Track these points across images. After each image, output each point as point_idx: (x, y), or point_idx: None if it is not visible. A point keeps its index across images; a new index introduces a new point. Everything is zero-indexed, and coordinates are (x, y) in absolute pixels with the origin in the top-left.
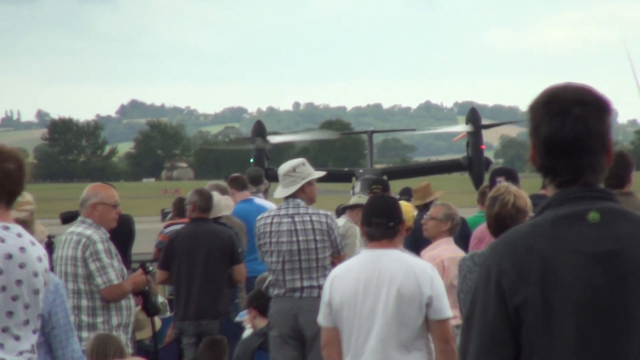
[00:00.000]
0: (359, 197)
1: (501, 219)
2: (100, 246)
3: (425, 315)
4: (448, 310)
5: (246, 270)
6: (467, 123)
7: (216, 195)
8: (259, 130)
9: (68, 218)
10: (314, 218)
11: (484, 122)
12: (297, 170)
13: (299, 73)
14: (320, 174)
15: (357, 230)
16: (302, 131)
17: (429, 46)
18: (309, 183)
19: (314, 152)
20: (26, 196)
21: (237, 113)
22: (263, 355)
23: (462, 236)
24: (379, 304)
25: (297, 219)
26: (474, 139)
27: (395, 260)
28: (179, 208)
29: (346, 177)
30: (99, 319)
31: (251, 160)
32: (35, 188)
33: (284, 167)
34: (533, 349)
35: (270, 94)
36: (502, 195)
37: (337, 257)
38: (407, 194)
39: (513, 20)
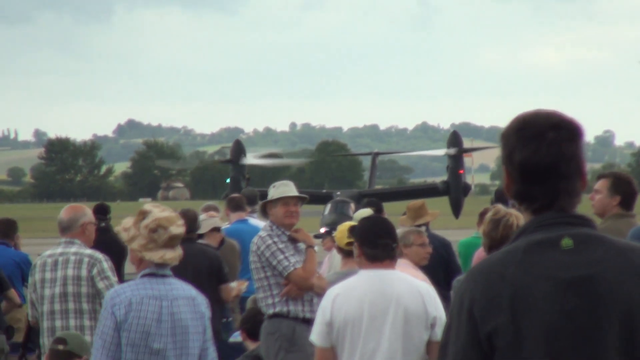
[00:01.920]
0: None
1: (506, 241)
2: (105, 264)
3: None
4: None
5: (239, 290)
6: (448, 147)
7: (201, 215)
8: (238, 150)
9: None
10: (254, 240)
11: (480, 143)
12: (269, 192)
13: (295, 93)
14: (281, 195)
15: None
16: (299, 151)
17: (424, 67)
18: (273, 205)
19: (310, 173)
20: None
21: (233, 133)
22: None
23: (444, 259)
24: (386, 323)
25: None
26: (454, 163)
27: (400, 279)
28: None
29: (325, 199)
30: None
31: (227, 181)
32: (32, 207)
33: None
34: None
35: (266, 115)
36: (505, 217)
37: (285, 279)
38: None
39: (507, 41)
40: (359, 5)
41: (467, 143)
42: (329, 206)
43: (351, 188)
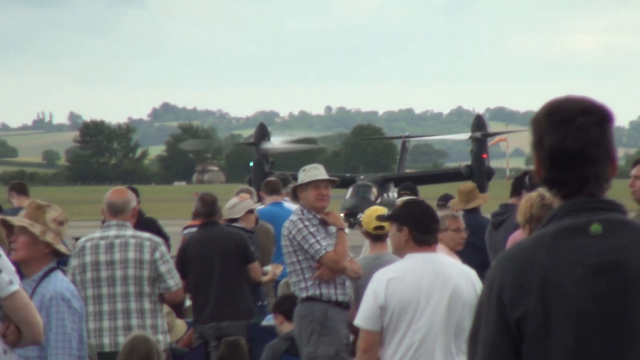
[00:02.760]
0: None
1: None
2: (164, 248)
3: None
4: None
5: (274, 274)
6: (472, 130)
7: (233, 199)
8: (261, 133)
9: None
10: (285, 224)
11: (515, 128)
12: (298, 176)
13: (331, 77)
14: (312, 179)
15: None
16: (334, 135)
17: (460, 52)
18: (304, 189)
19: (345, 157)
20: None
21: (268, 116)
22: (290, 359)
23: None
24: (441, 306)
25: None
26: (477, 147)
27: (450, 263)
28: None
29: (348, 183)
30: (159, 321)
31: (250, 164)
32: (67, 190)
33: None
34: None
35: (302, 98)
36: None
37: (317, 263)
38: (446, 200)
39: (541, 26)
40: None
41: (502, 127)
42: (350, 190)
43: (386, 172)
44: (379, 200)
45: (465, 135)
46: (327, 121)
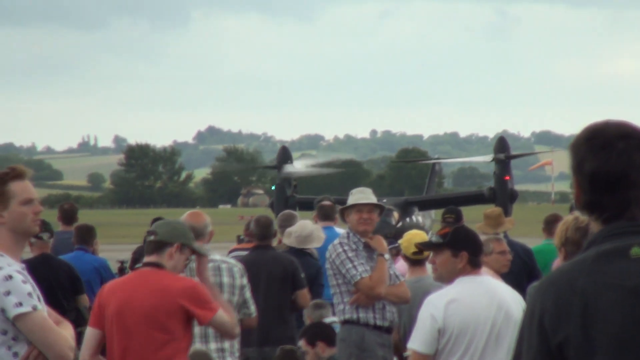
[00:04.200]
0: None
1: None
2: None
3: None
4: None
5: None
6: (495, 153)
7: (309, 226)
8: (284, 156)
9: None
10: (328, 247)
11: (561, 152)
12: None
13: (376, 100)
14: (356, 202)
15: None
16: (378, 159)
17: (504, 76)
18: (348, 213)
19: (390, 180)
20: None
21: (313, 140)
22: None
23: (527, 267)
24: (495, 329)
25: None
26: (500, 169)
27: (500, 286)
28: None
29: None
30: (236, 346)
31: (273, 188)
32: (112, 213)
33: None
34: None
35: (347, 121)
36: (588, 225)
37: (355, 286)
38: (453, 213)
39: (584, 50)
40: (434, 14)
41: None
42: None
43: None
44: (400, 224)
45: (488, 157)
46: (372, 144)
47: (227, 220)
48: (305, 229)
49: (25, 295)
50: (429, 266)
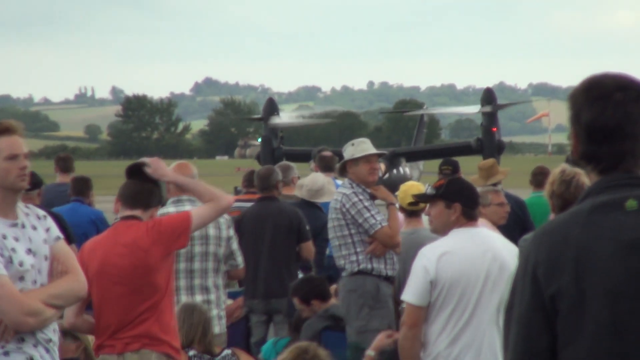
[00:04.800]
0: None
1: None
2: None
3: None
4: None
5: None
6: (482, 104)
7: (321, 179)
8: (270, 108)
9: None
10: (335, 197)
11: (558, 103)
12: (345, 150)
13: (373, 52)
14: (365, 153)
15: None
16: (375, 110)
17: (501, 27)
18: (354, 163)
19: (387, 132)
20: None
21: (311, 92)
22: (330, 334)
23: (519, 219)
24: (489, 281)
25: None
26: (487, 120)
27: (496, 238)
28: (249, 180)
29: None
30: (222, 297)
31: (259, 140)
32: (109, 165)
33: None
34: (568, 338)
35: (344, 73)
36: (575, 177)
37: (371, 236)
38: (450, 164)
39: (582, 1)
40: None
41: (544, 103)
42: None
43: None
44: (386, 176)
45: (475, 108)
46: (370, 96)
47: (225, 172)
48: (316, 182)
49: None
50: (425, 218)
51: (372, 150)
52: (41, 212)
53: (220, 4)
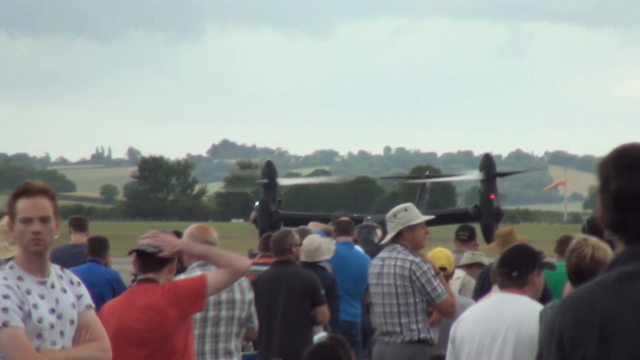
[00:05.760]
0: (472, 254)
1: (580, 273)
2: None
3: None
4: None
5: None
6: (480, 170)
7: (317, 239)
8: (269, 171)
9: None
10: (398, 263)
11: (574, 172)
12: (398, 216)
13: (390, 118)
14: (423, 218)
15: (473, 284)
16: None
17: (519, 96)
18: (411, 229)
19: (403, 197)
20: None
21: (328, 156)
22: None
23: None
24: (496, 343)
25: (386, 262)
26: (485, 187)
27: (517, 302)
28: (265, 244)
29: (356, 224)
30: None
31: (256, 204)
32: (124, 225)
33: (389, 213)
34: None
35: (361, 138)
36: (581, 248)
37: (435, 305)
38: (468, 230)
39: (599, 70)
40: (447, 32)
41: (560, 171)
42: (356, 230)
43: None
44: (382, 242)
45: (475, 175)
46: (387, 161)
47: (240, 234)
48: (313, 242)
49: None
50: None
51: (426, 215)
52: (75, 279)
53: (238, 66)
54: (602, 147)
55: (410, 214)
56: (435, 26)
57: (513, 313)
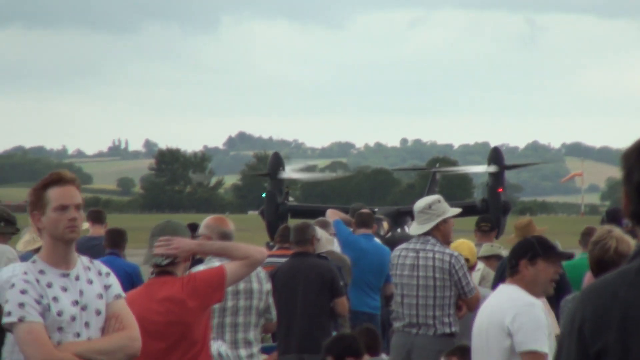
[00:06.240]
0: (491, 246)
1: (603, 264)
2: None
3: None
4: (533, 344)
5: (349, 303)
6: (489, 163)
7: (317, 231)
8: (276, 163)
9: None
10: (437, 256)
11: (591, 164)
12: (433, 208)
13: (407, 109)
14: (456, 211)
15: (492, 276)
16: (409, 167)
17: (535, 86)
18: (444, 221)
19: (419, 189)
20: None
21: (344, 148)
22: None
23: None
24: (481, 335)
25: (421, 254)
26: (493, 181)
27: (501, 293)
28: (283, 235)
29: None
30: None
31: (263, 195)
32: (141, 218)
33: (419, 204)
34: None
35: (377, 130)
36: (604, 240)
37: (465, 299)
38: (486, 221)
39: (616, 61)
40: (463, 23)
41: (577, 163)
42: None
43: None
44: (389, 234)
45: (483, 168)
46: (403, 153)
47: (257, 226)
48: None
49: (16, 306)
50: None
51: (454, 208)
52: (105, 269)
53: (255, 59)
54: (619, 138)
55: (444, 205)
56: (451, 17)
57: (491, 303)
